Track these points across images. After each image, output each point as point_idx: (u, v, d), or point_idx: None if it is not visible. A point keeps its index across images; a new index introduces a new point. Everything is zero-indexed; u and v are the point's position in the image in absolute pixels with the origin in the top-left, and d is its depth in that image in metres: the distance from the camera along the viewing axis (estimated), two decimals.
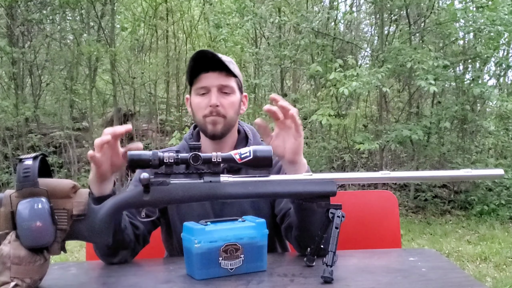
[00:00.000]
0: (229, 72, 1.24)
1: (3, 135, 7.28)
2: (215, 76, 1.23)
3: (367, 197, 1.62)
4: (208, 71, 1.23)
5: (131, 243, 1.14)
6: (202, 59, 1.22)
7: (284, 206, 1.23)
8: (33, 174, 0.87)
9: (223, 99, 1.24)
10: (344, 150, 6.84)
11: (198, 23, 8.06)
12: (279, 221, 1.26)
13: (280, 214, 1.24)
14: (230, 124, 1.26)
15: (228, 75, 1.25)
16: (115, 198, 0.96)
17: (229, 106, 1.24)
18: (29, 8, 7.76)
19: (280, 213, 1.24)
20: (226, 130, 1.26)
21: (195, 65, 1.23)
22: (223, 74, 1.24)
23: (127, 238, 1.13)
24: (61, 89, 7.92)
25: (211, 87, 1.23)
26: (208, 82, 1.23)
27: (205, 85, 1.23)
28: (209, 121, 1.23)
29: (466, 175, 0.97)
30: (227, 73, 1.24)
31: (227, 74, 1.24)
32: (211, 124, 1.23)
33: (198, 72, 1.24)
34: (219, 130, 1.24)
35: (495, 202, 5.81)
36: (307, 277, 0.96)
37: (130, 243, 1.14)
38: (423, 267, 1.03)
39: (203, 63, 1.23)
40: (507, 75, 7.33)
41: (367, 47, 8.01)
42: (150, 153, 0.92)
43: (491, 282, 3.47)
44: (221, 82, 1.24)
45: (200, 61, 1.23)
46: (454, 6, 5.93)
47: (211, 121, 1.23)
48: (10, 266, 0.84)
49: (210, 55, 1.21)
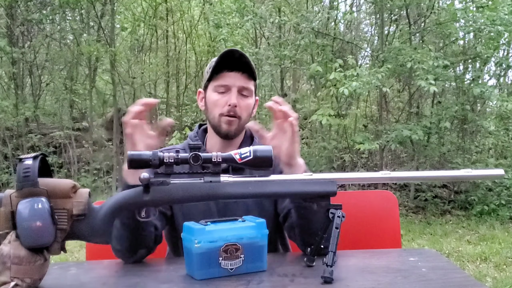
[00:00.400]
0: (251, 75, 1.25)
1: (3, 135, 7.28)
2: (238, 77, 1.24)
3: (367, 197, 1.62)
4: (232, 70, 1.24)
5: (150, 242, 1.16)
6: (228, 57, 1.23)
7: (287, 205, 1.23)
8: (33, 174, 0.87)
9: (241, 101, 1.25)
10: (344, 150, 6.84)
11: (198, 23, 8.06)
12: (281, 219, 1.26)
13: (283, 213, 1.24)
14: (243, 126, 1.28)
15: (249, 78, 1.26)
16: (115, 198, 0.96)
17: (245, 108, 1.26)
18: (29, 8, 7.76)
19: (283, 212, 1.24)
20: (238, 132, 1.28)
21: (221, 61, 1.24)
22: (245, 76, 1.25)
23: (148, 239, 1.14)
24: (61, 89, 7.92)
25: (232, 87, 1.24)
26: (231, 81, 1.24)
27: (227, 83, 1.24)
28: (225, 120, 1.24)
29: (466, 175, 0.97)
30: (249, 75, 1.25)
31: (249, 76, 1.25)
32: (226, 124, 1.24)
33: (221, 69, 1.24)
34: (233, 130, 1.25)
35: (495, 202, 5.81)
36: (307, 277, 0.96)
37: (150, 243, 1.15)
38: (423, 267, 1.02)
39: (228, 61, 1.23)
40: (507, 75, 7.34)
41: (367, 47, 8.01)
42: (150, 153, 0.92)
43: (491, 282, 3.47)
44: (242, 83, 1.24)
45: (226, 59, 1.23)
46: (454, 6, 5.93)
47: (227, 121, 1.24)
48: (10, 266, 0.84)
49: (238, 54, 1.22)
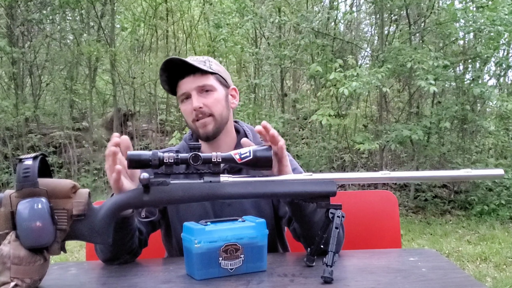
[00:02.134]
0: (203, 71, 1.24)
1: (3, 135, 7.28)
2: (191, 80, 1.23)
3: (367, 197, 1.62)
4: (183, 77, 1.24)
5: (135, 248, 1.15)
6: (174, 67, 1.23)
7: None
8: (33, 174, 0.87)
9: (205, 99, 1.23)
10: (344, 150, 6.84)
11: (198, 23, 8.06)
12: (286, 222, 1.25)
13: (287, 216, 1.24)
14: (221, 121, 1.26)
15: (204, 74, 1.24)
16: (115, 198, 0.96)
17: (213, 103, 1.24)
18: (29, 8, 7.75)
19: (286, 215, 1.24)
20: (218, 129, 1.25)
21: (170, 76, 1.24)
22: (198, 75, 1.23)
23: (134, 245, 1.14)
24: (61, 89, 7.92)
25: (190, 91, 1.23)
26: (186, 87, 1.23)
27: (184, 91, 1.24)
28: (199, 125, 1.24)
29: (466, 175, 0.97)
30: (202, 72, 1.24)
31: (203, 73, 1.24)
32: (201, 127, 1.24)
33: (175, 81, 1.25)
34: (210, 130, 1.24)
35: (495, 202, 5.80)
36: (307, 277, 0.96)
37: (134, 248, 1.14)
38: (423, 267, 1.03)
39: (175, 71, 1.24)
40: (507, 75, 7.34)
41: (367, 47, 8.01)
42: (150, 153, 0.92)
43: (491, 282, 3.47)
44: (197, 83, 1.23)
45: (173, 69, 1.23)
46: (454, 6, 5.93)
47: (200, 124, 1.24)
48: (10, 266, 0.84)
49: (179, 61, 1.21)
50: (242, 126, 1.36)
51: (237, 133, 1.34)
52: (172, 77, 1.25)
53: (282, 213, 1.27)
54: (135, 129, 7.75)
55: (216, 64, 1.29)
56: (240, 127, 1.36)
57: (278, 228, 1.33)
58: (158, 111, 8.22)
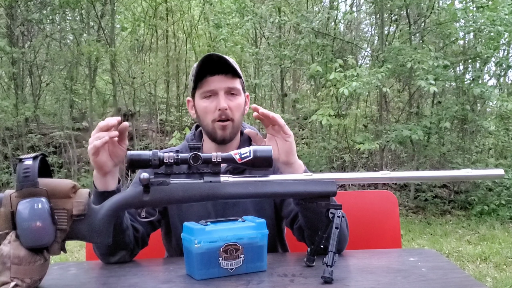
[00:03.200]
0: (235, 74, 1.23)
1: (3, 135, 7.28)
2: (222, 79, 1.22)
3: (367, 197, 1.62)
4: (214, 74, 1.21)
5: (130, 244, 1.14)
6: (208, 62, 1.21)
7: (293, 208, 1.22)
8: (33, 174, 0.87)
9: (230, 102, 1.22)
10: (344, 150, 6.84)
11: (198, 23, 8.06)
12: (289, 223, 1.25)
13: (291, 216, 1.24)
14: (237, 127, 1.26)
15: (234, 77, 1.23)
16: (115, 198, 0.96)
17: (236, 108, 1.23)
18: (29, 8, 7.75)
19: (290, 215, 1.24)
20: (234, 134, 1.26)
21: (201, 69, 1.22)
22: (229, 76, 1.22)
23: (127, 239, 1.13)
24: (61, 89, 7.92)
25: (219, 90, 1.21)
26: (216, 85, 1.21)
27: (213, 88, 1.21)
28: (218, 126, 1.22)
29: (466, 175, 0.97)
30: (233, 75, 1.23)
31: (233, 76, 1.23)
32: (221, 129, 1.22)
33: (204, 75, 1.22)
34: (229, 134, 1.23)
35: (495, 202, 5.80)
36: (307, 277, 0.96)
37: (129, 244, 1.14)
38: (423, 267, 1.03)
39: (208, 66, 1.21)
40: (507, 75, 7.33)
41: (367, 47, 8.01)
42: (150, 153, 0.92)
43: (491, 282, 3.47)
44: (228, 84, 1.22)
45: (206, 64, 1.21)
46: (454, 6, 5.93)
47: (220, 126, 1.22)
48: (10, 266, 0.84)
49: (217, 57, 1.20)
50: (245, 127, 1.36)
51: (240, 134, 1.34)
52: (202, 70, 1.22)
53: (285, 213, 1.27)
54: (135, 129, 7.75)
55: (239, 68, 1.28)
56: (243, 128, 1.35)
57: (278, 228, 1.33)
58: (158, 111, 8.22)
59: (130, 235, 1.14)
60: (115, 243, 1.07)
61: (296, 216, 1.22)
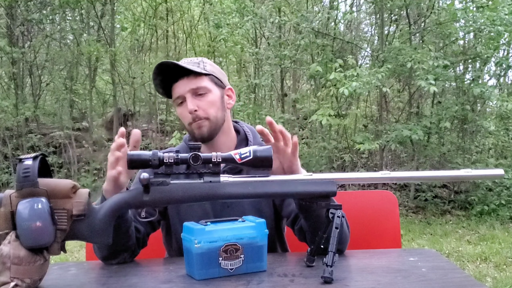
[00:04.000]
0: (197, 73, 1.23)
1: (3, 135, 7.28)
2: (185, 82, 1.22)
3: (367, 197, 1.62)
4: (177, 80, 1.23)
5: (132, 245, 1.14)
6: (167, 70, 1.22)
7: (294, 209, 1.22)
8: (33, 174, 0.87)
9: (200, 102, 1.22)
10: (344, 150, 6.84)
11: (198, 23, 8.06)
12: (290, 223, 1.25)
13: (291, 217, 1.24)
14: (216, 123, 1.25)
15: (198, 76, 1.23)
16: (115, 198, 0.96)
17: (207, 106, 1.23)
18: (29, 8, 7.76)
19: (291, 215, 1.24)
20: (213, 130, 1.25)
21: (164, 79, 1.24)
22: (191, 77, 1.23)
23: (130, 241, 1.13)
24: (61, 89, 7.92)
25: (185, 94, 1.22)
26: (180, 90, 1.23)
27: (178, 94, 1.23)
28: (194, 126, 1.23)
29: (466, 175, 0.97)
30: (196, 74, 1.23)
31: (196, 75, 1.23)
32: (197, 128, 1.23)
33: (170, 84, 1.25)
34: (205, 132, 1.23)
35: (495, 202, 5.80)
36: (307, 277, 0.96)
37: (131, 246, 1.14)
38: (423, 267, 1.02)
39: (169, 73, 1.23)
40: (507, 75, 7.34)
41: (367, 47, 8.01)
42: (150, 153, 0.92)
43: (491, 282, 3.47)
44: (191, 86, 1.22)
45: (167, 72, 1.23)
46: (454, 6, 5.93)
47: (196, 126, 1.23)
48: (10, 266, 0.84)
49: (172, 65, 1.21)
50: (242, 126, 1.35)
51: (237, 133, 1.33)
52: (167, 80, 1.25)
53: (286, 213, 1.27)
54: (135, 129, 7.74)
55: (211, 65, 1.28)
56: (240, 127, 1.35)
57: (277, 228, 1.32)
58: (158, 111, 8.22)
59: (133, 237, 1.15)
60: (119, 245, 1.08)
61: (297, 217, 1.22)
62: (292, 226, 1.25)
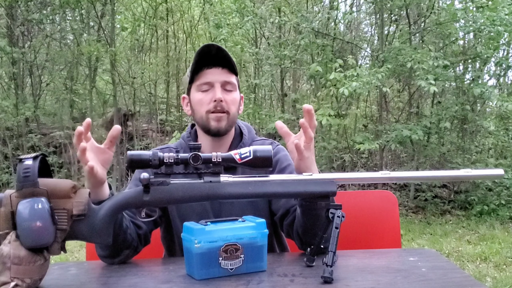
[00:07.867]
0: (231, 69, 1.23)
1: (3, 135, 7.28)
2: (219, 72, 1.22)
3: (367, 197, 1.62)
4: (211, 66, 1.22)
5: (133, 242, 1.14)
6: (205, 54, 1.21)
7: (282, 205, 1.22)
8: (33, 174, 0.87)
9: (226, 96, 1.22)
10: (344, 150, 6.83)
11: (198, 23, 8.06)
12: (279, 218, 1.25)
13: (280, 212, 1.23)
14: (233, 121, 1.26)
15: (231, 72, 1.24)
16: (115, 198, 0.96)
17: (231, 102, 1.23)
18: (29, 8, 7.75)
19: (280, 211, 1.24)
20: (229, 127, 1.25)
21: (199, 60, 1.22)
22: (226, 70, 1.23)
23: (130, 238, 1.12)
24: (61, 89, 7.92)
25: (215, 83, 1.21)
26: (212, 77, 1.22)
27: (210, 80, 1.22)
28: (213, 117, 1.22)
29: (466, 175, 0.97)
30: (229, 70, 1.23)
31: (229, 71, 1.23)
32: (215, 120, 1.22)
33: (200, 67, 1.23)
34: (223, 126, 1.23)
35: (495, 202, 5.80)
36: (307, 277, 0.96)
37: (132, 243, 1.13)
38: (423, 267, 1.03)
39: (206, 59, 1.21)
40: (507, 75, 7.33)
41: (367, 47, 8.01)
42: (150, 153, 0.92)
43: (491, 282, 3.47)
44: (224, 78, 1.22)
45: (203, 56, 1.21)
46: (454, 6, 5.93)
47: (215, 117, 1.21)
48: (10, 266, 0.84)
49: (215, 50, 1.20)
50: (237, 123, 1.36)
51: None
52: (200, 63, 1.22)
53: (274, 208, 1.26)
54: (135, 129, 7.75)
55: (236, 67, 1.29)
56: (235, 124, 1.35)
57: (275, 226, 1.32)
58: (158, 111, 8.22)
59: (133, 233, 1.14)
60: (118, 243, 1.07)
61: (286, 213, 1.21)
62: (280, 221, 1.24)
